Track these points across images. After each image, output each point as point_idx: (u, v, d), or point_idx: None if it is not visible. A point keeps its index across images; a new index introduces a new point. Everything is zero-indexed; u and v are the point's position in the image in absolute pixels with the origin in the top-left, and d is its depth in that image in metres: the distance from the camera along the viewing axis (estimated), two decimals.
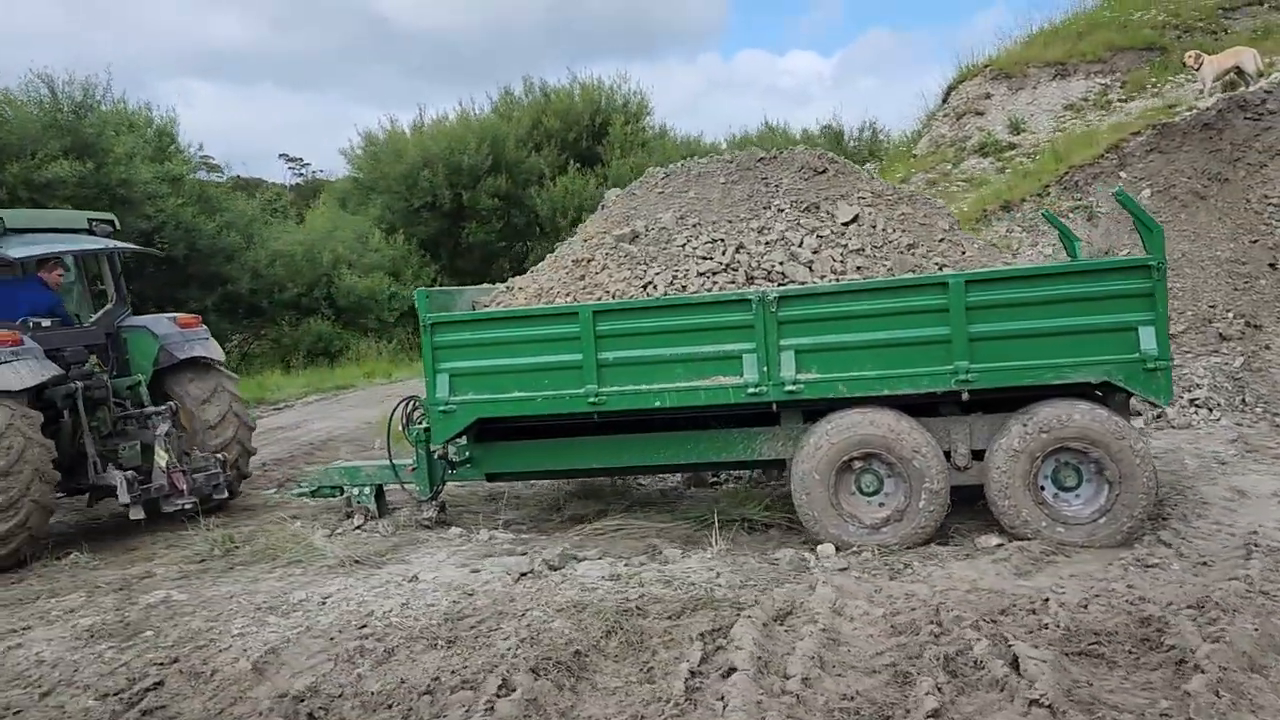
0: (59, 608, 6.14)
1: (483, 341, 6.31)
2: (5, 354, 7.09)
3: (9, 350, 7.12)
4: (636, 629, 4.67)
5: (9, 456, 7.01)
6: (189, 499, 7.66)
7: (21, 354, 7.21)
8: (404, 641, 4.80)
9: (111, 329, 8.35)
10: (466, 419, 6.37)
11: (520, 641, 4.62)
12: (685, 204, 6.67)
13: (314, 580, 6.05)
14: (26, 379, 7.15)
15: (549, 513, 7.53)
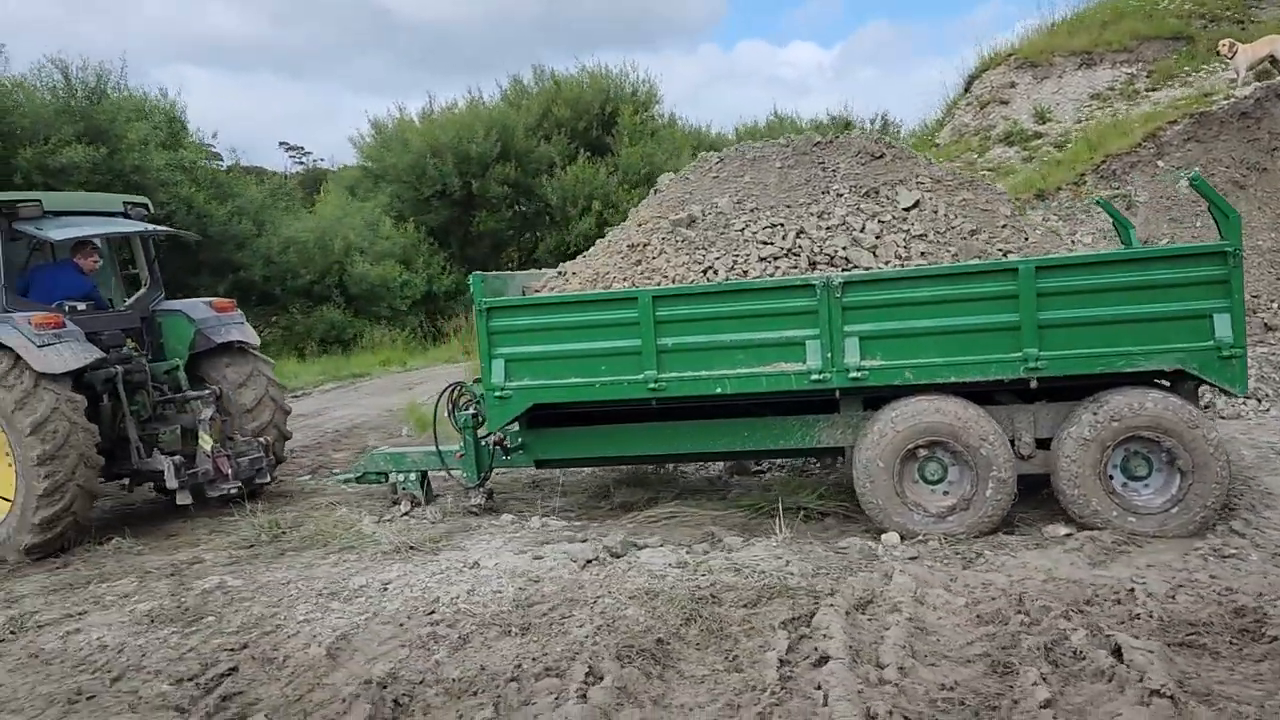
0: (112, 593, 6.08)
1: (539, 326, 6.23)
2: (48, 336, 7.00)
3: (51, 333, 7.03)
4: (715, 617, 4.61)
5: (54, 441, 6.94)
6: (234, 484, 7.60)
7: (64, 337, 7.12)
8: (476, 628, 4.74)
9: (146, 313, 8.26)
10: (522, 405, 6.30)
11: (597, 629, 4.56)
12: (742, 188, 6.59)
13: (370, 566, 5.98)
14: (70, 362, 7.07)
15: (597, 500, 7.46)
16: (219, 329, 8.24)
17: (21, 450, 6.97)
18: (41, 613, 5.82)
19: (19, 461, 7.03)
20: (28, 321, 7.01)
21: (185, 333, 8.13)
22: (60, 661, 4.93)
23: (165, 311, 8.28)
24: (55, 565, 7.09)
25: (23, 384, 6.97)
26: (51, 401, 6.93)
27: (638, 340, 6.05)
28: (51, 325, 7.07)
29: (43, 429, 6.90)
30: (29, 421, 6.88)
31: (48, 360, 6.94)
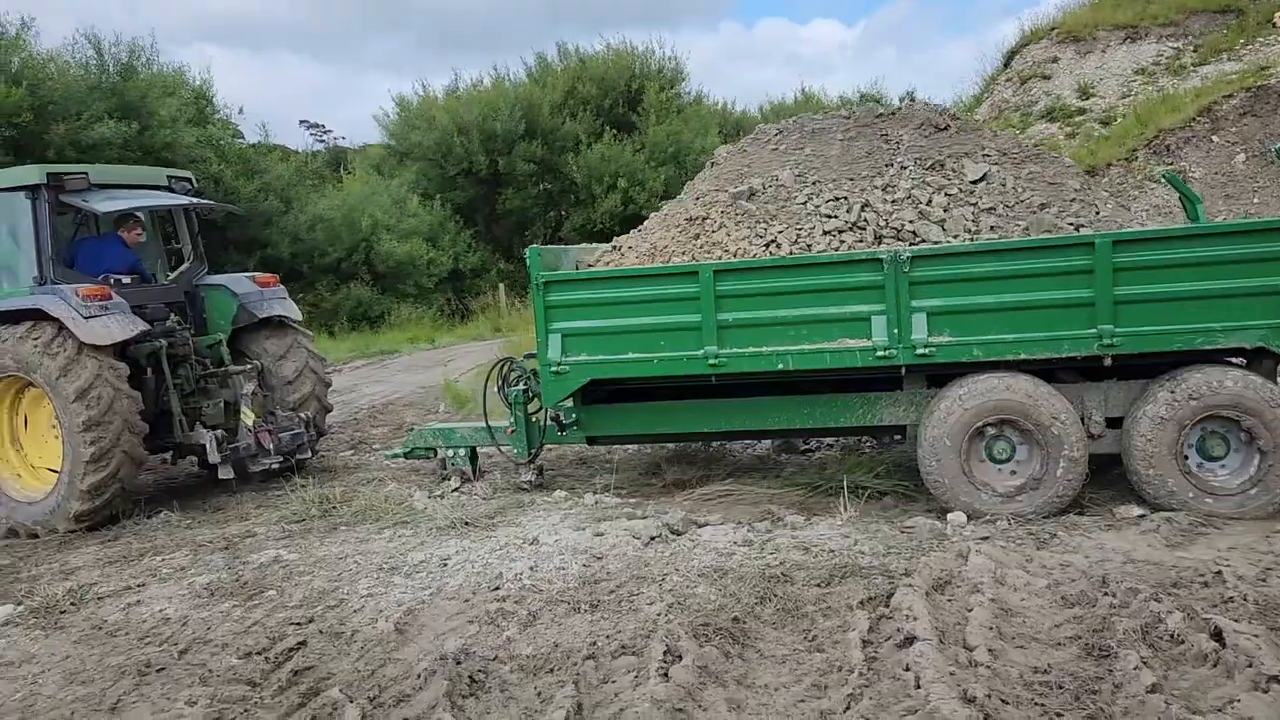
0: (167, 565, 6.06)
1: (597, 301, 6.13)
2: (94, 308, 6.96)
3: (98, 304, 6.99)
4: (789, 596, 4.52)
5: (99, 407, 6.92)
6: (275, 458, 7.56)
7: (110, 308, 7.08)
8: (544, 605, 4.67)
9: (190, 287, 8.21)
10: (579, 380, 6.21)
11: (668, 607, 4.48)
12: (803, 161, 6.45)
13: (427, 542, 5.93)
14: (116, 333, 7.03)
15: (648, 477, 7.38)
16: (261, 304, 8.18)
17: (67, 418, 6.95)
18: (100, 584, 5.81)
19: (65, 429, 7.01)
20: (75, 293, 6.97)
21: (228, 307, 8.08)
22: (124, 633, 4.91)
23: (208, 286, 8.23)
24: (107, 537, 7.09)
25: (66, 353, 6.94)
26: (94, 369, 6.91)
27: (698, 315, 5.94)
28: (98, 297, 7.03)
29: (87, 395, 6.89)
30: (73, 388, 6.86)
31: (94, 331, 6.90)
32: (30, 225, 7.26)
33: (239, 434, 7.55)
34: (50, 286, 7.13)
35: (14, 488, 7.40)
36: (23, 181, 7.33)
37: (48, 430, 7.43)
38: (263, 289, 8.28)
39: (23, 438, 7.56)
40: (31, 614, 5.35)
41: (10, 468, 7.47)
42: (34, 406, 7.47)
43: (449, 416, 11.54)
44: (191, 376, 7.91)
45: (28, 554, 6.97)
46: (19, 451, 7.55)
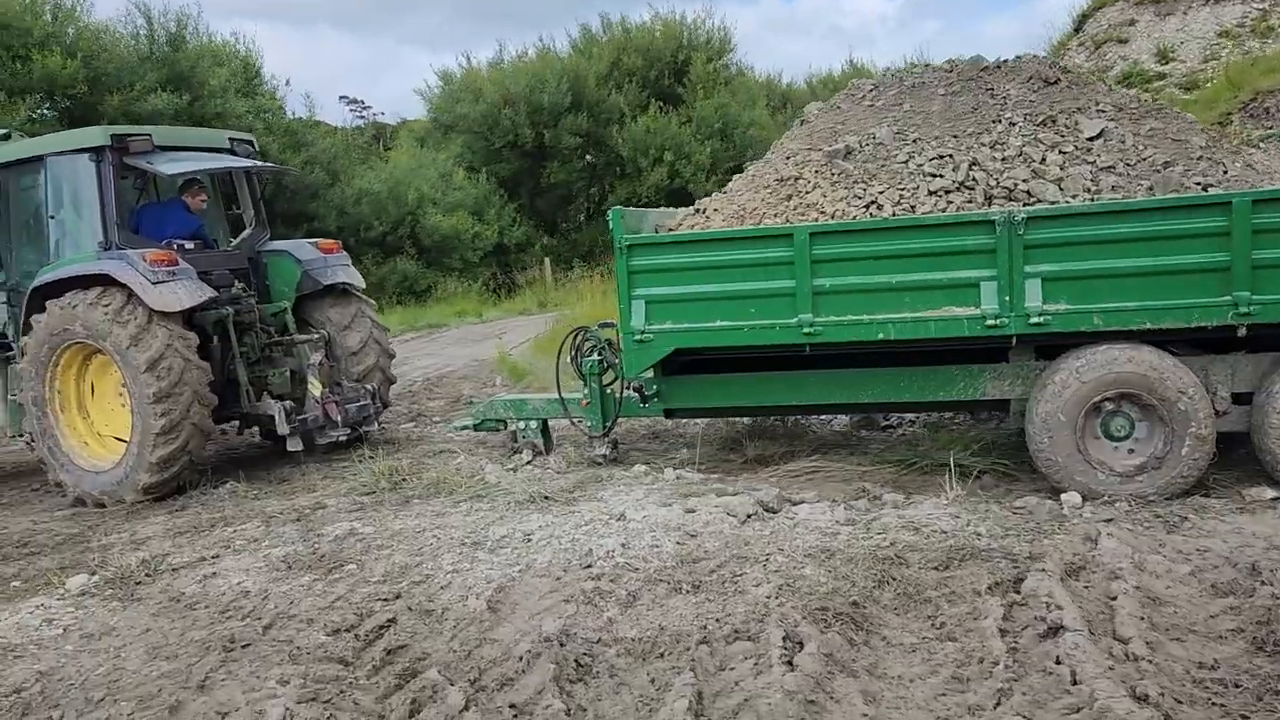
0: (240, 537, 5.89)
1: (684, 265, 5.83)
2: (162, 274, 6.78)
3: (165, 270, 6.81)
4: (907, 580, 4.22)
5: (169, 378, 6.77)
6: (342, 430, 7.37)
7: (178, 274, 6.90)
8: (643, 584, 4.41)
9: (253, 253, 8.01)
10: (664, 349, 5.92)
11: (777, 589, 4.20)
12: (902, 117, 6.07)
13: (507, 516, 5.69)
14: (184, 299, 6.86)
15: (726, 452, 7.09)
16: (325, 270, 7.96)
17: (137, 389, 6.80)
18: (172, 555, 5.65)
19: (135, 400, 6.87)
20: (142, 258, 6.79)
21: (292, 274, 7.88)
22: (204, 606, 4.73)
23: (271, 252, 8.02)
24: (174, 507, 6.96)
25: (137, 320, 6.78)
26: (164, 339, 6.75)
27: (791, 281, 5.62)
28: (166, 262, 6.85)
29: (157, 366, 6.74)
30: (144, 359, 6.72)
31: (163, 298, 6.73)
32: (94, 188, 7.08)
33: (306, 405, 7.36)
34: (116, 252, 6.96)
35: (81, 456, 7.28)
36: (86, 143, 7.15)
37: (114, 398, 7.30)
38: (326, 255, 8.07)
39: (89, 404, 7.43)
40: (107, 584, 5.20)
41: (77, 435, 7.35)
42: (101, 374, 7.34)
43: (508, 389, 11.35)
44: (257, 345, 7.74)
45: (96, 523, 6.85)
46: (85, 419, 7.44)
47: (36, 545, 6.39)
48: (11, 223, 7.69)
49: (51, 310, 6.99)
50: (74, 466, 7.22)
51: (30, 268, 7.51)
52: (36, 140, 7.71)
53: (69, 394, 7.32)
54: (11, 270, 7.76)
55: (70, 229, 7.34)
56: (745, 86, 31.47)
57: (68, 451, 7.26)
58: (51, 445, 7.26)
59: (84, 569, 5.60)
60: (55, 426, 7.25)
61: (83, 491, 7.20)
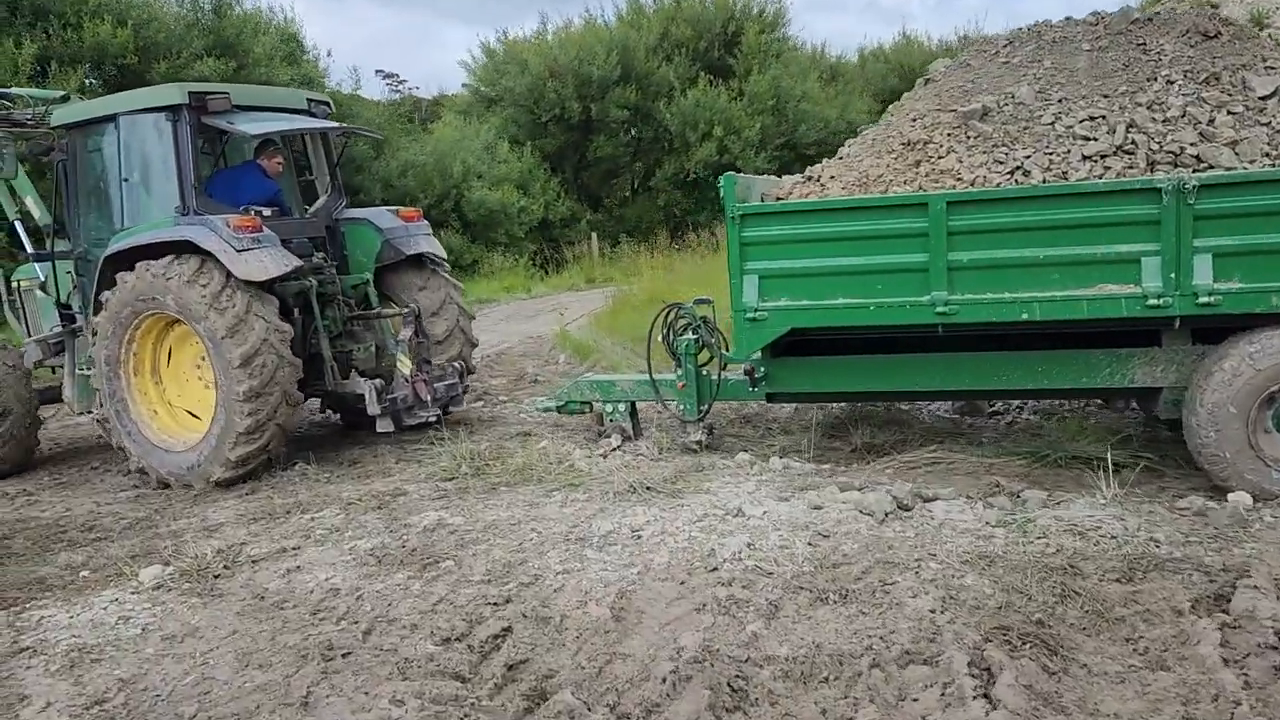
0: (319, 526, 5.50)
1: (803, 237, 5.32)
2: (246, 240, 6.36)
3: (250, 237, 6.39)
4: (1089, 594, 3.72)
5: (261, 376, 6.36)
6: (432, 411, 6.96)
7: (263, 242, 6.47)
8: (782, 592, 3.94)
9: (330, 221, 7.59)
10: (778, 329, 5.42)
11: (940, 602, 3.72)
12: (1042, 75, 5.50)
13: (607, 509, 5.24)
14: (271, 269, 6.42)
15: (828, 440, 6.59)
16: (407, 240, 7.53)
17: (226, 382, 6.37)
18: (249, 545, 5.28)
19: (222, 393, 6.43)
20: (225, 224, 6.37)
21: (372, 243, 7.45)
22: (292, 605, 4.33)
23: (349, 220, 7.59)
24: (243, 490, 6.60)
25: (235, 309, 6.30)
26: (261, 332, 6.33)
27: (924, 255, 5.09)
28: (250, 229, 6.42)
29: (252, 362, 6.32)
30: (239, 353, 6.28)
31: (248, 266, 6.30)
32: (171, 150, 6.65)
33: (395, 384, 6.92)
34: (195, 218, 6.54)
35: (150, 428, 6.88)
36: (162, 102, 6.71)
37: (191, 370, 6.91)
38: (408, 224, 7.63)
39: (163, 371, 7.02)
40: (183, 576, 4.83)
41: (148, 402, 6.93)
42: (180, 343, 6.92)
43: (571, 367, 10.91)
44: (339, 319, 7.32)
45: (162, 505, 6.51)
46: (158, 385, 7.01)
47: (103, 529, 6.06)
48: (79, 188, 7.28)
49: (142, 274, 6.51)
50: (140, 437, 6.83)
51: (100, 235, 7.12)
52: (107, 99, 7.25)
53: (144, 358, 6.90)
54: (78, 238, 7.35)
55: (144, 193, 6.90)
56: (796, 60, 30.67)
57: (135, 419, 6.85)
58: (120, 409, 6.85)
59: (157, 558, 5.24)
60: (126, 390, 6.83)
61: (148, 465, 6.84)
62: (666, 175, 28.36)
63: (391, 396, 6.81)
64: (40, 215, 7.83)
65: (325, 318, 7.10)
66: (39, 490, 7.32)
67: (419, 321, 7.06)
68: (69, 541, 5.83)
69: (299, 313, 6.96)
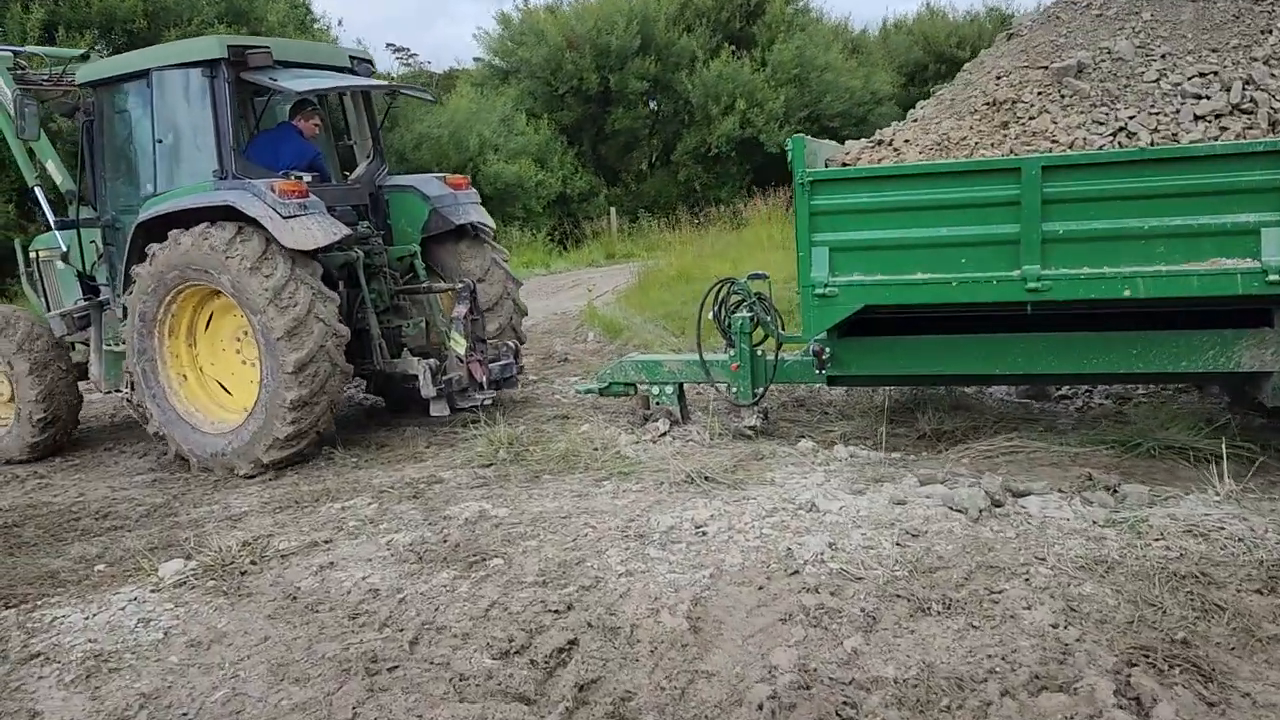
0: (352, 517, 5.11)
1: (880, 206, 4.86)
2: (292, 206, 5.89)
3: (295, 203, 5.92)
4: (1231, 606, 3.29)
5: (309, 347, 5.92)
6: (488, 393, 6.52)
7: (310, 208, 6.00)
8: (877, 601, 3.53)
9: (373, 188, 7.10)
10: (850, 306, 4.98)
11: (1061, 615, 3.30)
12: (1142, 28, 5.00)
13: (664, 501, 4.83)
14: (319, 237, 5.95)
15: (891, 425, 6.12)
16: (456, 209, 7.02)
17: (270, 358, 5.93)
18: (276, 537, 4.89)
19: (265, 367, 5.99)
20: (270, 189, 5.90)
21: (418, 212, 6.94)
22: (328, 608, 3.94)
23: (394, 188, 7.08)
24: (267, 477, 6.21)
25: (277, 277, 5.86)
26: (306, 299, 5.90)
27: (1015, 226, 4.64)
28: (296, 194, 5.94)
29: (298, 333, 5.88)
30: (283, 324, 5.83)
31: (295, 235, 5.84)
32: (209, 108, 6.15)
33: (448, 364, 6.47)
34: (236, 181, 6.07)
35: (178, 398, 6.43)
36: (199, 56, 6.20)
37: (230, 342, 6.48)
38: (456, 192, 7.13)
39: (200, 337, 6.58)
40: (206, 572, 4.45)
41: (178, 366, 6.47)
42: (222, 313, 6.49)
43: (601, 345, 10.49)
44: (386, 292, 6.86)
45: (181, 491, 6.14)
46: (191, 348, 6.55)
47: (119, 517, 5.69)
48: (105, 149, 6.79)
49: (183, 240, 6.05)
50: (168, 409, 6.40)
51: (129, 201, 6.66)
52: (139, 53, 6.71)
53: (181, 320, 6.45)
54: (106, 204, 6.86)
55: (179, 155, 6.45)
56: (820, 31, 29.98)
57: (163, 382, 6.41)
58: (148, 368, 6.39)
59: (178, 551, 4.86)
60: (158, 351, 6.36)
61: (169, 434, 6.41)
62: (687, 149, 27.78)
63: (446, 378, 6.36)
64: (62, 180, 7.33)
65: (371, 291, 6.65)
66: (51, 473, 6.96)
67: (474, 297, 6.57)
68: (82, 530, 5.46)
69: (343, 286, 6.49)
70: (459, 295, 6.52)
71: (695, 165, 28.26)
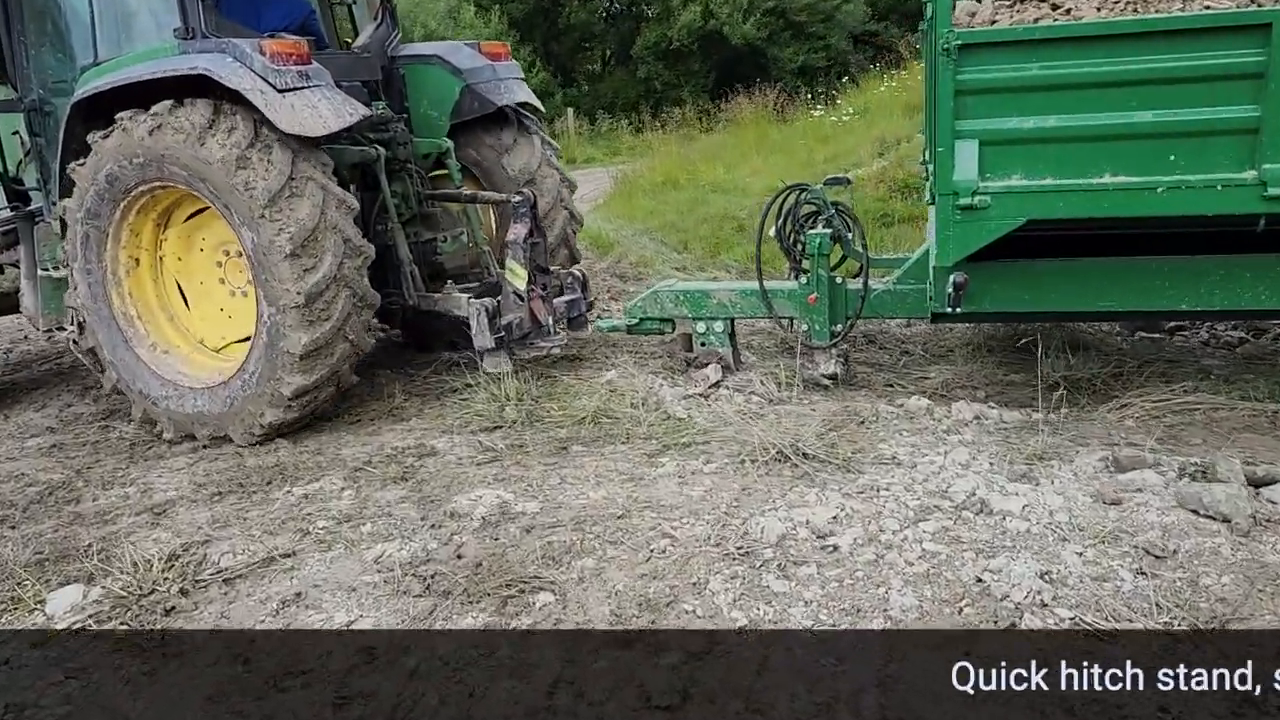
0: (320, 513, 3.73)
1: (1058, 81, 3.49)
2: (290, 75, 4.25)
3: (294, 71, 4.27)
4: None
5: (323, 270, 4.33)
6: (557, 338, 4.94)
7: (314, 79, 4.37)
8: (1151, 678, 2.30)
9: (385, 60, 5.35)
10: (1007, 221, 3.63)
11: None
12: None
13: (754, 489, 3.54)
14: (329, 119, 4.32)
15: (998, 370, 4.88)
16: (497, 87, 5.33)
17: (268, 285, 4.34)
18: (214, 544, 3.51)
19: (263, 299, 4.40)
20: (259, 50, 4.25)
21: (447, 91, 5.25)
22: (301, 685, 2.61)
23: (413, 58, 5.34)
24: (198, 444, 4.76)
25: (277, 169, 4.25)
26: (315, 202, 4.30)
27: (1254, 108, 3.32)
28: (294, 58, 4.30)
29: (306, 252, 4.29)
30: (285, 239, 4.24)
31: (297, 115, 4.22)
32: None
33: (503, 301, 4.82)
34: (208, 42, 4.38)
35: (141, 341, 4.83)
36: None
37: (209, 264, 4.84)
38: (495, 63, 5.40)
39: (168, 259, 4.91)
40: (115, 608, 3.07)
41: (140, 298, 4.85)
42: (199, 224, 4.83)
43: (591, 264, 9.04)
44: (412, 201, 5.23)
45: (87, 462, 4.69)
46: (156, 275, 4.90)
47: (0, 504, 4.22)
48: (26, 11, 5.04)
49: (137, 126, 4.39)
50: (126, 352, 4.81)
51: (60, 74, 4.99)
52: None
53: (140, 237, 4.82)
54: (30, 81, 5.11)
55: (127, 8, 4.76)
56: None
57: (120, 321, 4.81)
58: (98, 301, 4.78)
59: (75, 566, 3.45)
60: (110, 278, 4.77)
61: (140, 398, 4.84)
62: (647, 44, 25.91)
63: (505, 321, 4.77)
64: None
65: (394, 197, 5.07)
66: None
67: (534, 213, 4.91)
68: None
69: (356, 191, 4.87)
70: (516, 211, 4.84)
71: (656, 62, 26.43)
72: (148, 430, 4.93)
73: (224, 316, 4.85)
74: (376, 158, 4.87)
